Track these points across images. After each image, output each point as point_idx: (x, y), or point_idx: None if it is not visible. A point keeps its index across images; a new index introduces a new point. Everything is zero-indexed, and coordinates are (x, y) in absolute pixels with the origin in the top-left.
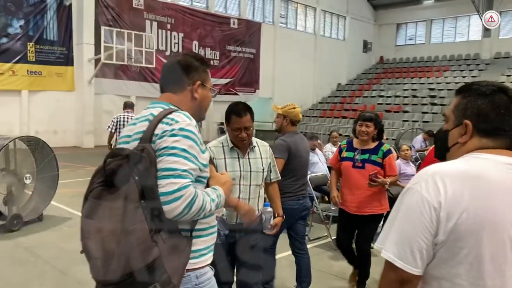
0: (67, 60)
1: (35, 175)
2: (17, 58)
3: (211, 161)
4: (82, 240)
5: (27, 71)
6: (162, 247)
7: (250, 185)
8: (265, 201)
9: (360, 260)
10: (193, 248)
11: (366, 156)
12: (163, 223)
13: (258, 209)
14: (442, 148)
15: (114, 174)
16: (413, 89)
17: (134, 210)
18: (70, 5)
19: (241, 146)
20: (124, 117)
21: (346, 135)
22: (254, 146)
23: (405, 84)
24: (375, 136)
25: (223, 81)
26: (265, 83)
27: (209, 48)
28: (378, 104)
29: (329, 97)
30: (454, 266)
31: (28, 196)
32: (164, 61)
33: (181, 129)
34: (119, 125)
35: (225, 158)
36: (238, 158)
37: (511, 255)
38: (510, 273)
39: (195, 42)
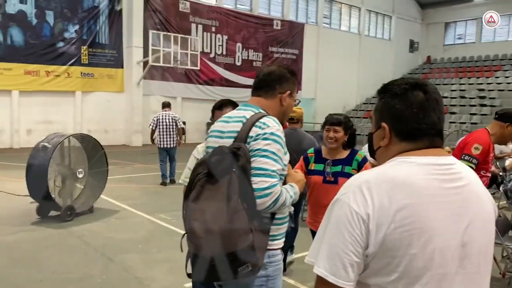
0: (117, 62)
1: (86, 170)
2: (72, 61)
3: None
4: (187, 221)
5: (81, 73)
6: (254, 233)
7: None
8: None
9: None
10: (270, 233)
11: (338, 168)
12: (256, 213)
13: None
14: (370, 151)
15: (217, 167)
16: (461, 90)
17: (236, 200)
18: (121, 10)
19: None
20: (163, 116)
21: None
22: None
23: (453, 84)
24: (345, 142)
25: None
26: (307, 83)
27: (252, 50)
28: None
29: (373, 97)
30: (387, 274)
31: (80, 190)
32: (209, 63)
33: (272, 133)
34: (159, 122)
35: None
36: None
37: (442, 261)
38: (440, 277)
39: (239, 44)
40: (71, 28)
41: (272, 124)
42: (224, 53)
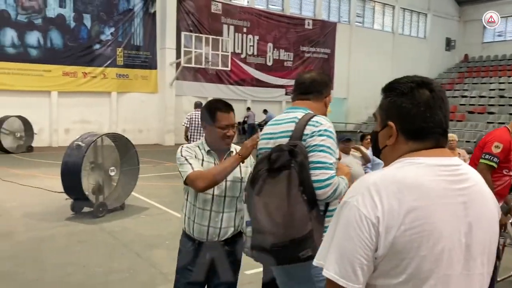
0: (151, 64)
1: (119, 168)
2: (107, 63)
3: None
4: (252, 212)
5: (116, 74)
6: (313, 222)
7: (225, 196)
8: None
9: None
10: (325, 224)
11: None
12: (315, 204)
13: (234, 226)
14: (375, 150)
15: (276, 163)
16: (500, 89)
17: (296, 192)
18: (155, 12)
19: (224, 147)
20: (196, 115)
21: None
22: (232, 152)
23: (491, 83)
24: None
25: None
26: (339, 83)
27: (283, 50)
28: (461, 104)
29: None
30: (395, 276)
31: (113, 187)
32: (240, 63)
33: (326, 130)
34: (192, 121)
35: (203, 160)
36: (215, 163)
37: (449, 262)
38: (447, 279)
39: (270, 44)
40: (107, 30)
41: (324, 122)
42: (255, 53)
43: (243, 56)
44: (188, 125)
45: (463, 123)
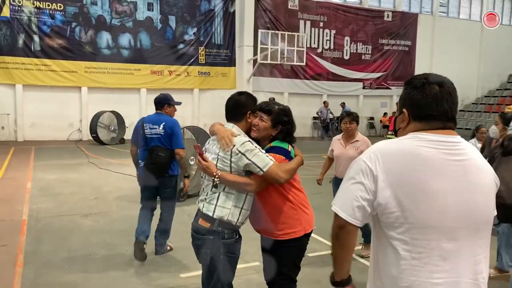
0: (230, 61)
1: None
2: (190, 61)
3: None
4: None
5: (198, 72)
6: None
7: None
8: None
9: None
10: None
11: None
12: None
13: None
14: (394, 131)
15: (508, 147)
16: None
17: None
18: (234, 11)
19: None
20: None
21: None
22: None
23: None
24: (271, 137)
25: (375, 75)
26: None
27: (361, 43)
28: None
29: (497, 90)
30: (398, 227)
31: (192, 175)
32: (316, 58)
33: None
34: None
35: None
36: None
37: (441, 216)
38: (441, 230)
39: (347, 38)
40: (190, 30)
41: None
42: (332, 47)
43: (319, 50)
44: None
45: None
